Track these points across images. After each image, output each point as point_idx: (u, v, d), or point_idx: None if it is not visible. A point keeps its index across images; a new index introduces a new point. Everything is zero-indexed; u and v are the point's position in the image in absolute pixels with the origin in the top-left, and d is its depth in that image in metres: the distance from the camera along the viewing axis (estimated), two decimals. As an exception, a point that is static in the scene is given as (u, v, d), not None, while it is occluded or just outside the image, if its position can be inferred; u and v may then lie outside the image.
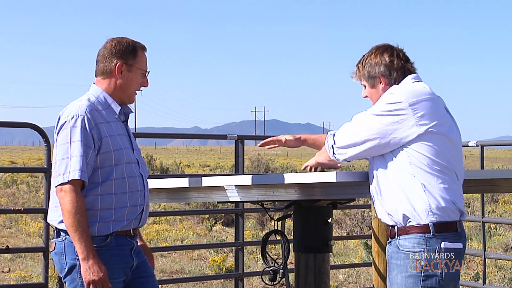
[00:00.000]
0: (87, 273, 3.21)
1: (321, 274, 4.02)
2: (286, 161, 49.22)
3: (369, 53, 3.41)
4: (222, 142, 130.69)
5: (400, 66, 3.34)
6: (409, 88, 3.23)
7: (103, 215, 3.32)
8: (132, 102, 3.53)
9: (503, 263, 9.60)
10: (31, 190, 20.57)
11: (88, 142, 3.29)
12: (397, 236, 3.22)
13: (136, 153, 3.49)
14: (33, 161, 43.74)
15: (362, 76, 3.42)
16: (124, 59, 3.43)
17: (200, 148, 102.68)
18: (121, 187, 3.36)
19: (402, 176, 3.18)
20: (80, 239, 3.21)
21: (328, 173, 3.50)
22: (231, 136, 6.27)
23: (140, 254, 3.49)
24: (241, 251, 6.26)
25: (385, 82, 3.35)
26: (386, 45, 3.42)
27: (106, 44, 3.47)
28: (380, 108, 3.20)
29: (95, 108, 3.38)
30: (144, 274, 3.49)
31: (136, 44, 3.48)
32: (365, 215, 13.03)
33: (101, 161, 3.33)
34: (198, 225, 14.93)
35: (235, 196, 4.03)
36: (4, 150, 74.41)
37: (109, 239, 3.34)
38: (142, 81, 3.49)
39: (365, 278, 9.09)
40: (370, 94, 3.42)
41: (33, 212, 9.64)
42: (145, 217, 3.50)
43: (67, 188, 3.24)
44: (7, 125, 5.67)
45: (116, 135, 3.39)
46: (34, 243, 12.15)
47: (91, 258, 3.21)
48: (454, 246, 3.15)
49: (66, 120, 3.32)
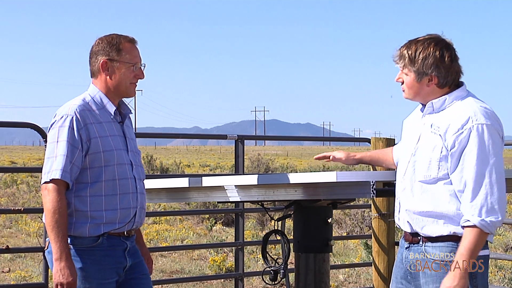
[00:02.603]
0: (57, 274, 3.19)
1: (321, 274, 4.03)
2: (286, 161, 49.22)
3: (426, 45, 3.16)
4: (222, 142, 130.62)
5: (456, 70, 3.17)
6: (494, 116, 3.10)
7: (93, 216, 3.29)
8: (131, 95, 3.48)
9: (503, 263, 9.59)
10: (31, 190, 20.56)
11: (74, 142, 3.27)
12: (423, 242, 3.16)
13: (131, 155, 3.44)
14: (33, 161, 43.74)
15: (410, 66, 3.18)
16: (107, 56, 3.40)
17: (200, 148, 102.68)
18: (111, 189, 3.32)
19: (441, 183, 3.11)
20: (56, 239, 3.19)
21: (328, 173, 3.50)
22: (231, 136, 6.26)
23: (135, 255, 3.46)
24: (241, 251, 6.25)
25: (436, 82, 3.16)
26: (445, 40, 3.19)
27: (92, 44, 3.47)
28: (491, 149, 3.02)
29: (88, 108, 3.36)
30: (138, 275, 3.45)
31: (121, 38, 3.43)
32: (365, 215, 13.02)
33: (90, 162, 3.30)
34: (198, 225, 14.92)
35: (235, 196, 4.03)
36: (4, 150, 74.42)
37: (101, 240, 3.31)
38: (135, 73, 3.43)
39: (365, 278, 9.09)
40: (410, 85, 3.20)
41: (33, 212, 9.64)
42: (140, 219, 3.45)
43: (49, 187, 3.23)
44: (7, 125, 5.66)
45: (108, 136, 3.36)
46: (34, 243, 12.14)
47: (63, 260, 3.18)
48: (483, 253, 3.08)
49: (56, 119, 3.32)
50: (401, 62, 3.21)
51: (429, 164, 3.12)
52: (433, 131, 3.13)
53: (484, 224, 2.97)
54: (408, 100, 3.27)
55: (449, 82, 3.17)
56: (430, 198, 3.12)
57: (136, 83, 3.47)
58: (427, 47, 3.15)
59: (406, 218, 3.21)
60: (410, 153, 3.21)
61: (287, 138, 8.55)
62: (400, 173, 3.27)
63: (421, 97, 3.22)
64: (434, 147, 3.11)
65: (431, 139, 3.14)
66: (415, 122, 3.28)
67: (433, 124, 3.15)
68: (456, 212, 3.07)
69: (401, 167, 3.27)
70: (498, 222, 3.00)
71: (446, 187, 3.09)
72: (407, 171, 3.21)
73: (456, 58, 3.19)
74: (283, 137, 10.08)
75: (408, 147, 3.25)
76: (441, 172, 3.09)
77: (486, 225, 2.98)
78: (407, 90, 3.23)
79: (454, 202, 3.08)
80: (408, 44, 3.22)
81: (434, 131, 3.13)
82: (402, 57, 3.21)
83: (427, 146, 3.15)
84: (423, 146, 3.16)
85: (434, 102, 3.18)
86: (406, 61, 3.18)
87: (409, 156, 3.22)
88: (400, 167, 3.29)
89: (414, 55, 3.16)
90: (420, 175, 3.15)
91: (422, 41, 3.18)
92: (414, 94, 3.22)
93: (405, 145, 3.29)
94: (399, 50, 3.23)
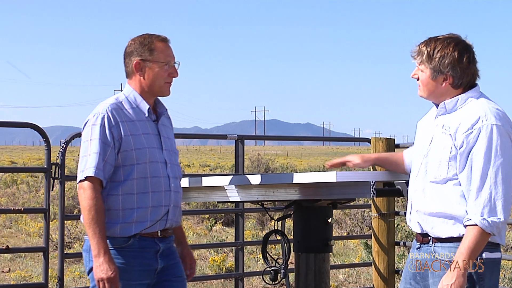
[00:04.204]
0: (97, 270, 3.22)
1: (321, 274, 4.03)
2: (286, 161, 49.21)
3: (446, 44, 3.15)
4: (222, 142, 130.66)
5: (472, 72, 3.16)
6: (506, 117, 3.09)
7: (124, 216, 3.32)
8: (165, 94, 3.51)
9: (503, 263, 9.59)
10: (31, 190, 20.54)
11: (106, 140, 3.31)
12: (432, 242, 3.16)
13: (166, 153, 3.45)
14: (33, 161, 43.72)
15: (427, 63, 3.16)
16: (140, 56, 3.43)
17: (200, 148, 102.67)
18: (142, 186, 3.34)
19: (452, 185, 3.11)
20: (93, 236, 3.23)
21: (328, 173, 3.50)
22: (231, 136, 6.26)
23: (170, 257, 3.45)
24: (241, 251, 6.25)
25: (450, 82, 3.15)
26: (465, 42, 3.18)
27: (126, 45, 3.50)
28: (499, 150, 3.02)
29: (120, 107, 3.40)
30: (171, 277, 3.45)
31: (153, 38, 3.46)
32: (365, 215, 13.02)
33: (122, 160, 3.33)
34: (198, 225, 14.91)
35: (235, 196, 4.04)
36: (4, 150, 74.44)
37: (132, 241, 3.33)
38: (169, 72, 3.45)
39: (365, 278, 9.09)
40: (425, 83, 3.19)
41: (33, 212, 9.65)
42: (174, 218, 3.45)
43: (84, 185, 3.27)
44: (7, 125, 5.66)
45: (140, 134, 3.38)
46: (34, 243, 12.13)
47: (101, 256, 3.21)
48: (493, 256, 3.08)
49: (89, 118, 3.37)
50: (418, 58, 3.20)
51: (439, 164, 3.12)
52: (444, 132, 3.13)
53: (485, 224, 2.97)
54: (422, 98, 3.26)
55: (464, 83, 3.16)
56: (440, 199, 3.12)
57: (170, 82, 3.49)
58: (446, 46, 3.14)
59: (417, 218, 3.21)
60: (423, 154, 3.21)
61: (287, 138, 8.53)
62: (413, 174, 3.27)
63: (434, 96, 3.21)
64: (444, 147, 3.11)
65: (442, 139, 3.13)
66: (428, 123, 3.28)
67: (444, 125, 3.15)
68: (465, 213, 3.06)
69: (414, 169, 3.27)
70: (500, 223, 2.99)
71: (456, 188, 3.09)
72: (419, 172, 3.22)
73: (474, 60, 3.17)
74: (283, 137, 10.10)
75: (421, 149, 3.24)
76: (451, 173, 3.09)
77: (487, 224, 2.97)
78: (422, 87, 3.22)
79: (463, 203, 3.07)
80: (427, 41, 3.20)
81: (445, 131, 3.13)
82: (420, 53, 3.20)
83: (438, 147, 3.14)
84: (435, 147, 3.16)
85: (447, 103, 3.17)
86: (424, 58, 3.17)
87: (421, 157, 3.22)
88: (413, 168, 3.29)
89: (433, 52, 3.15)
90: (431, 176, 3.15)
91: (442, 39, 3.17)
92: (428, 92, 3.20)
93: (418, 147, 3.28)
94: (418, 46, 3.21)
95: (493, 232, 3.00)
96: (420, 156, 3.23)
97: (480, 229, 2.97)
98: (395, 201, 6.47)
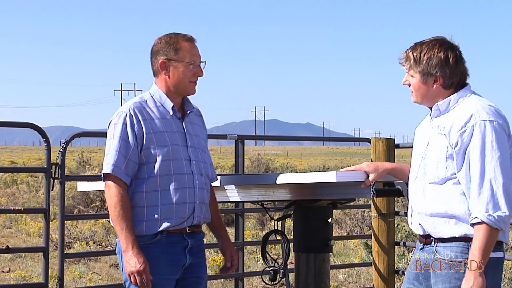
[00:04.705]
0: (127, 264, 3.26)
1: (321, 274, 4.03)
2: (286, 161, 49.20)
3: (431, 46, 3.18)
4: (222, 142, 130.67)
5: (461, 71, 3.18)
6: (499, 112, 3.10)
7: (149, 213, 3.35)
8: (191, 93, 3.54)
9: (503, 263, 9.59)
10: (31, 190, 20.53)
11: (128, 138, 3.35)
12: (434, 243, 3.16)
13: (191, 151, 3.46)
14: (33, 161, 43.71)
15: (415, 68, 3.19)
16: (165, 55, 3.46)
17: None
18: (166, 183, 3.37)
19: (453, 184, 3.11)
20: (121, 231, 3.27)
21: (328, 173, 3.50)
22: (231, 136, 6.25)
23: (198, 254, 3.49)
24: (241, 251, 6.25)
25: (441, 83, 3.17)
26: (450, 42, 3.20)
27: (152, 44, 3.53)
28: (494, 145, 3.01)
29: (144, 105, 3.44)
30: (192, 276, 3.48)
31: (179, 38, 3.48)
32: (365, 215, 13.02)
33: (146, 157, 3.37)
34: (198, 225, 14.91)
35: (235, 196, 4.04)
36: (4, 150, 74.44)
37: (159, 237, 3.36)
38: (194, 71, 3.48)
39: (365, 278, 9.09)
40: (416, 87, 3.22)
41: (33, 212, 9.64)
42: (201, 214, 3.48)
43: (109, 183, 3.33)
44: (7, 125, 5.66)
45: (164, 132, 3.41)
46: (34, 243, 12.13)
47: (130, 250, 3.25)
48: (496, 255, 3.08)
49: (113, 117, 3.42)
50: (406, 64, 3.23)
51: (437, 164, 3.13)
52: (440, 132, 3.14)
53: (491, 219, 2.97)
54: (417, 104, 3.28)
55: (455, 83, 3.18)
56: (441, 199, 3.12)
57: (195, 81, 3.51)
58: (431, 48, 3.17)
59: (418, 220, 3.22)
60: (421, 157, 3.22)
61: (287, 138, 8.50)
62: (412, 177, 3.27)
63: (427, 99, 3.23)
64: (440, 147, 3.12)
65: (438, 140, 3.14)
66: (425, 128, 3.29)
67: (439, 126, 3.16)
68: (467, 212, 3.06)
69: (413, 172, 3.27)
70: (506, 217, 2.99)
71: (456, 187, 3.09)
72: (418, 174, 3.22)
73: (461, 59, 3.19)
74: (283, 137, 10.06)
75: (419, 152, 3.25)
76: (449, 172, 3.10)
77: (494, 220, 2.97)
78: (414, 92, 3.25)
79: (464, 202, 3.08)
80: (413, 46, 3.24)
81: (440, 132, 3.14)
82: (407, 59, 3.23)
83: (435, 148, 3.15)
84: (432, 148, 3.17)
85: (440, 104, 3.19)
86: (412, 63, 3.20)
87: (419, 160, 3.23)
88: (411, 171, 3.30)
89: (419, 56, 3.18)
90: (430, 177, 3.16)
91: (428, 42, 3.20)
92: (421, 96, 3.23)
93: (416, 150, 3.29)
94: (405, 52, 3.24)
95: (501, 227, 3.00)
96: (418, 159, 3.24)
97: (488, 226, 2.97)
98: (395, 201, 6.47)
